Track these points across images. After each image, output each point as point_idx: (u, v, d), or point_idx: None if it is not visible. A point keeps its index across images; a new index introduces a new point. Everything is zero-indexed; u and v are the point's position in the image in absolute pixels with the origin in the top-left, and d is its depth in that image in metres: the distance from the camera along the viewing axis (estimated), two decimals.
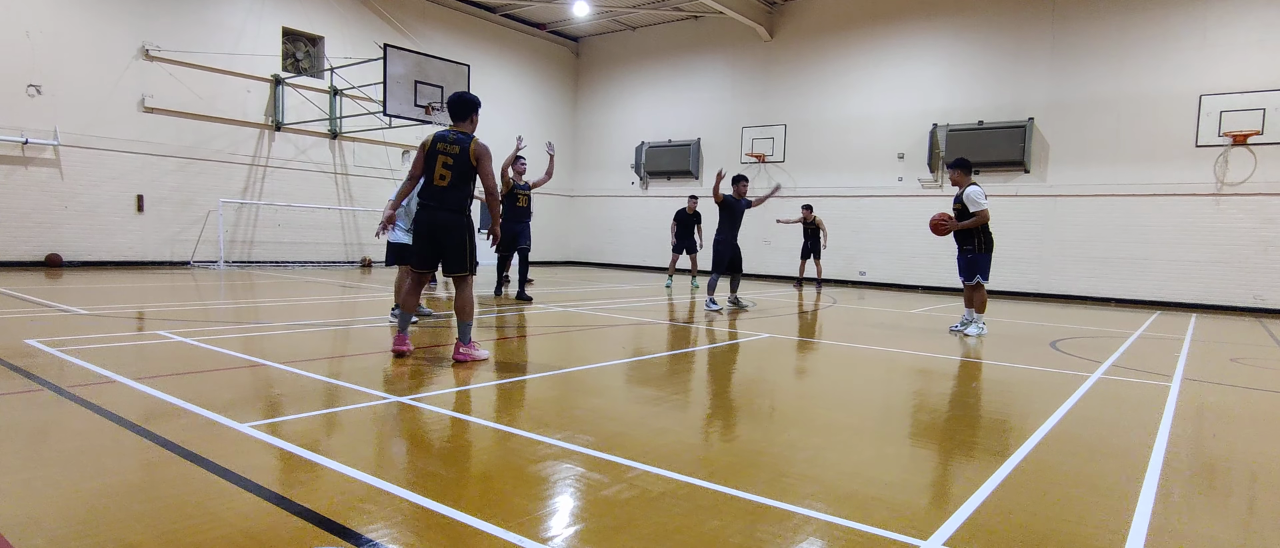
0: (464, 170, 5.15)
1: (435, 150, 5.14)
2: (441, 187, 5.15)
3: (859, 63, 17.27)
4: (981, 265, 7.98)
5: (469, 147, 5.16)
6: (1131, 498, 2.82)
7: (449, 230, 5.19)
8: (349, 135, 16.96)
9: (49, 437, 3.15)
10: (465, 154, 5.14)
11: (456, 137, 5.17)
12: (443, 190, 5.15)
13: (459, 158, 5.13)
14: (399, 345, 5.35)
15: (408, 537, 2.21)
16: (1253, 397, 5.07)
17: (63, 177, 12.99)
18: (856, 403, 4.64)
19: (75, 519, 2.26)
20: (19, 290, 8.98)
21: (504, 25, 20.39)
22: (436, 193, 5.15)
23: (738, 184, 10.17)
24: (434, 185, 5.15)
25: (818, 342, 7.36)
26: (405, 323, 5.42)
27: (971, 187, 7.90)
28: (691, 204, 14.47)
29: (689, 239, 14.32)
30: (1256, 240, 12.99)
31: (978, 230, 7.93)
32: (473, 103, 5.28)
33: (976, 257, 7.98)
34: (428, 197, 5.19)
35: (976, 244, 7.96)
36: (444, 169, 5.12)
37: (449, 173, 5.13)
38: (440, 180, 5.14)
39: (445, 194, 5.15)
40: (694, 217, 14.39)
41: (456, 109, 5.25)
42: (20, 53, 12.41)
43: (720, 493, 2.68)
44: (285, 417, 3.59)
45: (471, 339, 5.32)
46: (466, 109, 5.25)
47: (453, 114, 5.26)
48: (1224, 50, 13.20)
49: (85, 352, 5.05)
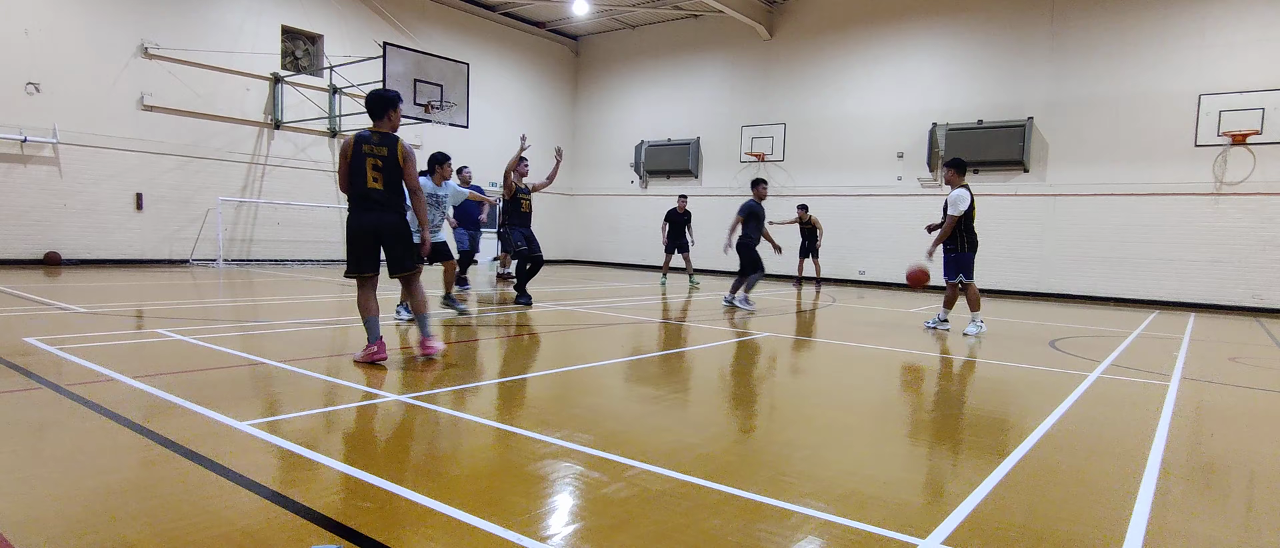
0: (394, 172, 5.08)
1: (361, 153, 5.01)
2: (376, 189, 5.05)
3: (858, 62, 17.27)
4: (964, 264, 8.11)
5: (397, 148, 5.09)
6: (1130, 497, 2.82)
7: (393, 232, 5.15)
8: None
9: (47, 435, 3.15)
10: (394, 156, 5.07)
11: (381, 138, 5.07)
12: (378, 193, 5.06)
13: (388, 159, 5.05)
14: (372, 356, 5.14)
15: (407, 535, 2.21)
16: (1251, 396, 5.07)
17: (62, 175, 12.98)
18: (855, 402, 4.64)
19: (74, 518, 2.26)
20: (18, 288, 8.97)
21: (504, 24, 20.38)
22: (371, 196, 5.05)
23: (757, 187, 10.15)
24: (367, 189, 5.04)
25: (816, 340, 7.36)
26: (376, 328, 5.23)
27: (959, 189, 8.01)
28: (681, 204, 14.53)
29: (680, 238, 14.36)
30: (1255, 240, 13.00)
31: (962, 231, 8.03)
32: (391, 100, 5.18)
33: (960, 256, 8.11)
34: (361, 200, 5.06)
35: (960, 244, 8.09)
36: (375, 172, 5.04)
37: (380, 174, 5.07)
38: (373, 183, 5.04)
39: (381, 196, 5.07)
40: (684, 216, 14.44)
41: (374, 107, 5.14)
42: (19, 51, 12.39)
43: (719, 492, 2.69)
44: (284, 415, 3.59)
45: (431, 331, 5.37)
46: (384, 106, 5.14)
47: (370, 112, 5.16)
48: (1223, 50, 13.20)
49: (84, 350, 5.05)
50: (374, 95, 5.13)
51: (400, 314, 7.63)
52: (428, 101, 14.62)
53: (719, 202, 19.41)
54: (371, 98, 5.14)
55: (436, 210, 7.91)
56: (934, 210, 16.13)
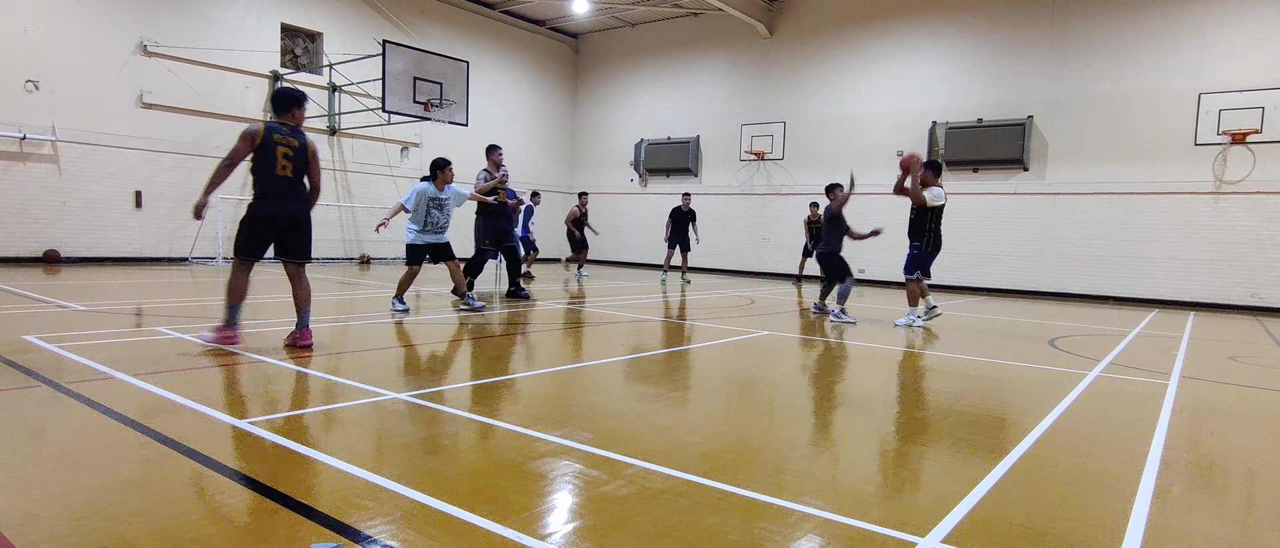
0: (302, 164, 5.31)
1: (272, 142, 5.20)
2: (286, 177, 5.25)
3: (858, 60, 17.26)
4: (923, 263, 8.34)
5: (308, 142, 5.35)
6: (1129, 495, 2.82)
7: (298, 221, 5.35)
8: (348, 132, 16.94)
9: (47, 433, 3.14)
10: (304, 149, 5.32)
11: (291, 131, 5.31)
12: (289, 181, 5.26)
13: (299, 151, 5.28)
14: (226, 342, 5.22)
15: (406, 533, 2.21)
16: (1251, 395, 5.07)
17: (61, 172, 12.97)
18: (855, 400, 4.65)
19: (73, 515, 2.26)
20: (17, 286, 8.97)
21: (503, 21, 20.36)
22: (283, 183, 5.24)
23: (833, 192, 9.26)
24: (278, 176, 5.23)
25: (816, 339, 7.37)
26: (237, 313, 5.33)
27: (935, 188, 8.21)
28: (685, 201, 14.53)
29: (683, 236, 14.35)
30: (1255, 239, 13.00)
31: (927, 231, 8.24)
32: (296, 98, 5.40)
33: (922, 254, 8.32)
34: (272, 187, 5.22)
35: (924, 243, 8.28)
36: (285, 161, 5.23)
37: (290, 164, 5.24)
38: (283, 171, 5.23)
39: (292, 185, 5.28)
40: (688, 214, 14.43)
41: (280, 103, 5.36)
42: (18, 48, 12.37)
43: (719, 490, 2.69)
44: (283, 413, 3.59)
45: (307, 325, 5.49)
46: (289, 103, 5.37)
47: (276, 108, 5.37)
48: (1223, 49, 13.20)
49: (83, 348, 5.04)
50: (280, 92, 5.43)
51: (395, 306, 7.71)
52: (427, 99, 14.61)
53: (719, 200, 19.41)
54: (278, 94, 5.43)
55: (440, 214, 8.06)
56: None
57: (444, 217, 8.11)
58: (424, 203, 7.92)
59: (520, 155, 21.17)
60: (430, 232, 8.04)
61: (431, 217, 7.99)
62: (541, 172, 21.96)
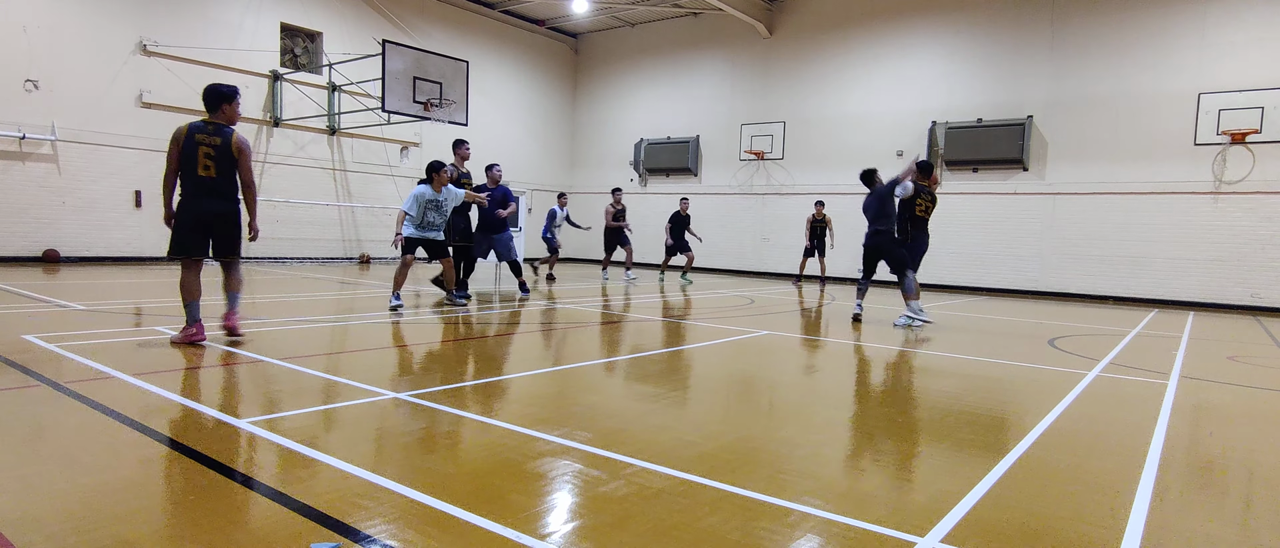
0: (227, 161, 5.33)
1: (194, 141, 5.25)
2: (208, 177, 5.29)
3: (858, 60, 17.26)
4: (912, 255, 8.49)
5: (231, 139, 5.34)
6: (1128, 495, 2.83)
7: (224, 219, 5.39)
8: (347, 131, 16.94)
9: (46, 433, 3.14)
10: (227, 146, 5.33)
11: (216, 129, 5.33)
12: (212, 180, 5.30)
13: (221, 149, 5.30)
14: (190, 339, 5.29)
15: (406, 533, 2.21)
16: (1250, 395, 5.08)
17: (60, 172, 12.96)
18: (854, 400, 4.65)
19: (73, 516, 2.26)
20: (16, 286, 8.96)
21: (503, 21, 20.35)
22: (205, 183, 5.29)
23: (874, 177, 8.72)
24: (199, 176, 5.27)
25: (816, 339, 7.37)
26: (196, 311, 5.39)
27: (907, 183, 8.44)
28: (683, 206, 14.59)
29: (682, 239, 14.39)
30: (1255, 238, 13.01)
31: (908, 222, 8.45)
32: (225, 94, 5.43)
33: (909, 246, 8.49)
34: (194, 187, 5.29)
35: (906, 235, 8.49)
36: (207, 161, 5.27)
37: (212, 163, 5.28)
38: (205, 171, 5.27)
39: (214, 184, 5.31)
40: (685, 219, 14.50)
41: (208, 100, 5.41)
42: (17, 48, 12.36)
43: (718, 490, 2.69)
44: (283, 413, 3.59)
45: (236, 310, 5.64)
46: (218, 100, 5.40)
47: (206, 105, 5.41)
48: (1223, 49, 13.20)
49: (82, 347, 5.04)
50: (210, 89, 5.43)
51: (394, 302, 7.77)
52: (427, 99, 14.60)
53: (719, 200, 19.41)
54: (207, 91, 5.44)
55: (437, 214, 8.25)
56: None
57: (441, 217, 8.30)
58: (423, 206, 8.12)
59: (520, 155, 21.18)
60: (428, 229, 8.25)
61: (428, 217, 8.18)
62: (541, 171, 21.96)
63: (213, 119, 5.39)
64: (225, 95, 5.43)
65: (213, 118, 5.39)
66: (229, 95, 5.44)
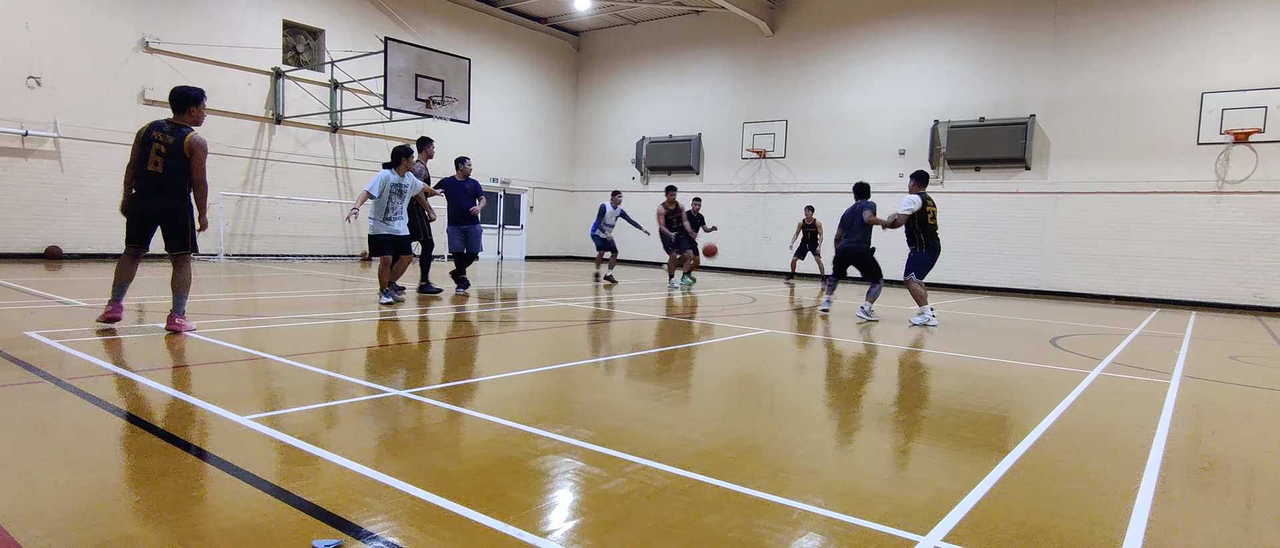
0: (178, 160, 5.47)
1: (150, 138, 5.44)
2: (156, 173, 5.45)
3: (860, 58, 17.24)
4: (917, 263, 8.52)
5: (185, 138, 5.48)
6: (1130, 494, 2.82)
7: (170, 215, 5.54)
8: (349, 129, 16.94)
9: (49, 429, 3.15)
10: (179, 145, 5.47)
11: (173, 128, 5.49)
12: (159, 177, 5.46)
13: (173, 148, 5.45)
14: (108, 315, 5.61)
15: (407, 530, 2.21)
16: (1252, 394, 5.07)
17: (62, 169, 12.98)
18: (856, 398, 4.64)
19: (75, 511, 2.26)
20: (19, 282, 8.98)
21: (505, 19, 20.35)
22: (152, 179, 5.46)
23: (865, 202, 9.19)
24: (148, 172, 5.46)
25: (816, 337, 7.36)
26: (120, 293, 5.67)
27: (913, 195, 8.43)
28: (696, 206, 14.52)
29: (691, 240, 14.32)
30: (1257, 238, 12.98)
31: (922, 234, 8.45)
32: (191, 96, 5.59)
33: (917, 255, 8.52)
34: (142, 182, 5.49)
35: (919, 244, 8.50)
36: (157, 157, 5.44)
37: (162, 160, 5.44)
38: (154, 167, 5.44)
39: (161, 179, 5.46)
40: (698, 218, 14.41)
41: (175, 102, 5.58)
42: (20, 45, 12.38)
43: (719, 488, 2.68)
44: (285, 409, 3.59)
45: (184, 312, 5.74)
46: (185, 102, 5.58)
47: (172, 107, 5.58)
48: (1225, 48, 13.17)
49: (85, 344, 5.05)
50: (175, 91, 5.61)
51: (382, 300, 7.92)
52: (429, 97, 14.60)
53: (721, 199, 19.39)
54: (173, 93, 5.60)
55: (400, 201, 8.32)
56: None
57: (402, 204, 8.37)
58: (387, 189, 8.18)
59: (521, 153, 21.18)
60: (394, 219, 8.30)
61: (392, 204, 8.25)
62: (543, 169, 21.97)
63: (178, 120, 5.56)
64: (191, 98, 5.59)
65: (178, 119, 5.56)
66: (195, 98, 5.63)
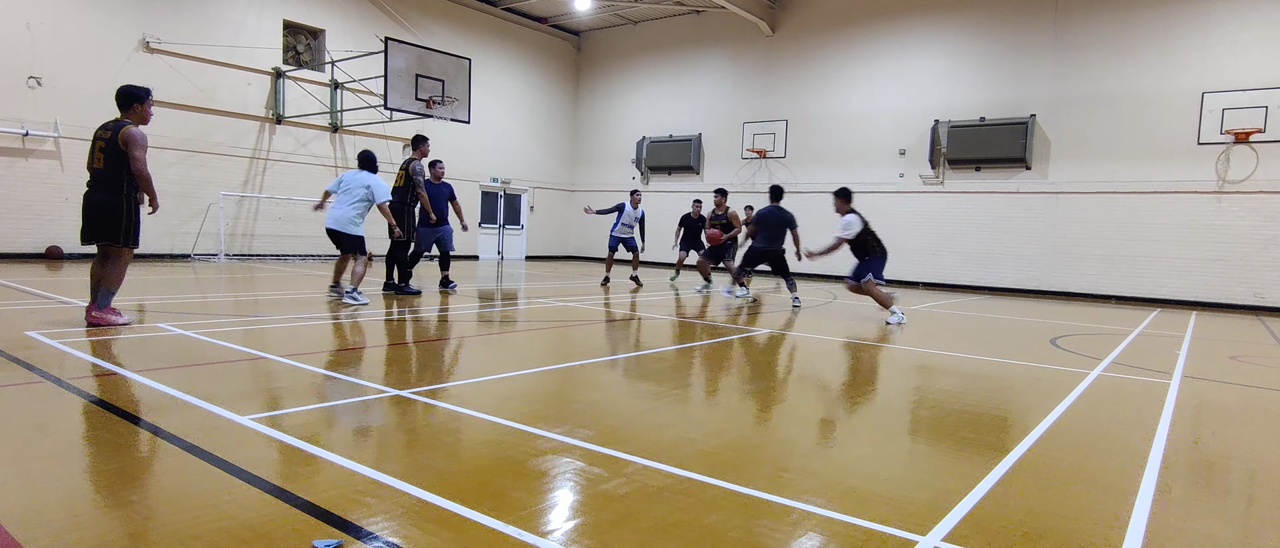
0: (115, 154, 5.64)
1: (95, 137, 5.73)
2: (97, 168, 5.71)
3: (861, 58, 17.23)
4: (873, 268, 8.69)
5: (118, 134, 5.64)
6: (1130, 494, 2.82)
7: (105, 209, 5.69)
8: (350, 129, 16.94)
9: (49, 429, 3.15)
10: (115, 139, 5.63)
11: (115, 124, 5.68)
12: (98, 172, 5.71)
13: (110, 142, 5.64)
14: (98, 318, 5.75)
15: (407, 530, 2.21)
16: (1252, 395, 5.07)
17: (63, 169, 12.98)
18: (856, 398, 4.64)
19: (75, 511, 2.27)
20: (19, 282, 8.98)
21: (505, 19, 20.35)
22: (93, 175, 5.74)
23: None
24: (90, 168, 5.74)
25: (816, 337, 7.36)
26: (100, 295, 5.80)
27: (849, 215, 8.65)
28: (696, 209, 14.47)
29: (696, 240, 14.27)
30: (1258, 238, 12.98)
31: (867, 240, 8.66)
32: (134, 94, 5.79)
33: (869, 261, 8.69)
34: (90, 180, 5.75)
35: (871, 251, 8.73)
36: (98, 153, 5.68)
37: (102, 156, 5.66)
38: (95, 163, 5.71)
39: (99, 175, 5.70)
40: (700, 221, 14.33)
41: (120, 100, 5.78)
42: (21, 45, 12.38)
43: (719, 488, 2.69)
44: (285, 410, 3.60)
45: (109, 305, 5.86)
46: (128, 99, 5.77)
47: (118, 105, 5.78)
48: (1226, 48, 13.16)
49: (85, 344, 5.05)
50: (120, 89, 5.82)
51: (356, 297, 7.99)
52: (429, 97, 14.60)
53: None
54: (118, 91, 5.81)
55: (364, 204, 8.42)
56: (935, 208, 16.11)
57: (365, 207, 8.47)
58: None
59: (522, 153, 21.18)
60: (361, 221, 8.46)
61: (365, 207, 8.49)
62: (543, 169, 21.97)
63: (124, 117, 5.74)
64: (134, 95, 5.78)
65: (124, 116, 5.75)
66: (139, 96, 5.80)
